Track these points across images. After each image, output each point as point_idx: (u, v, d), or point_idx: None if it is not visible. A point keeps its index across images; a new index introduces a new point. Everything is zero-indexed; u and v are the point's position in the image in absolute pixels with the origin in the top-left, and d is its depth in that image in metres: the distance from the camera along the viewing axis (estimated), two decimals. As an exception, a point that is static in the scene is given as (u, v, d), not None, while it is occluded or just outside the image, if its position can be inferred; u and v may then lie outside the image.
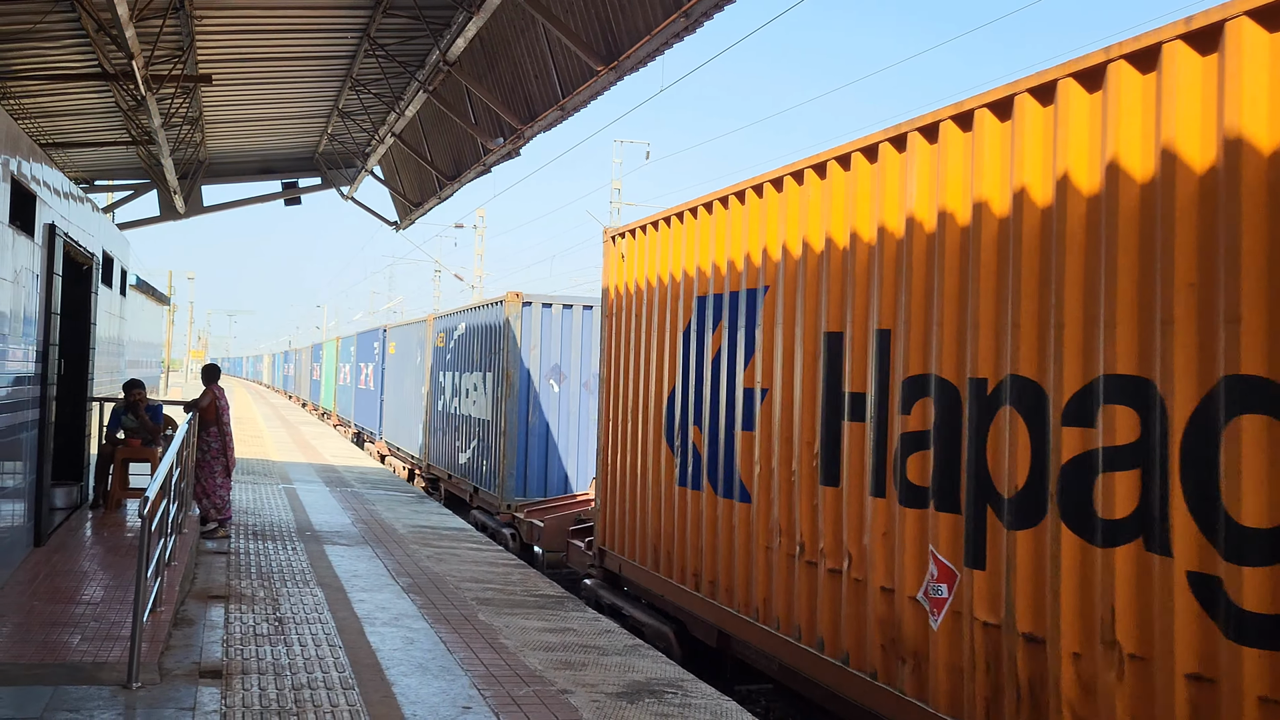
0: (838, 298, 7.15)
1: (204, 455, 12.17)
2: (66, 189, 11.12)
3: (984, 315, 5.79)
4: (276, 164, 22.52)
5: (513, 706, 6.71)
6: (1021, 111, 5.62)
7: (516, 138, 14.92)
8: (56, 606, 7.89)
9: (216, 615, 8.60)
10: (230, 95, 16.44)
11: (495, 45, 14.24)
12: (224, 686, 6.67)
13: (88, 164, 20.19)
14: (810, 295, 7.47)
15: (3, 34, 11.94)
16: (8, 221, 8.23)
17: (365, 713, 6.39)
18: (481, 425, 17.55)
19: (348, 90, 16.68)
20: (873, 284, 6.78)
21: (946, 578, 5.96)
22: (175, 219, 21.68)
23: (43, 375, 9.86)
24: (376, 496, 18.35)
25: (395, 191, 23.10)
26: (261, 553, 11.72)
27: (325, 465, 23.95)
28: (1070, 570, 5.14)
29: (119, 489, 12.68)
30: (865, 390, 6.81)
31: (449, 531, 14.77)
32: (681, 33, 10.26)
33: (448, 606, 9.61)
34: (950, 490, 5.99)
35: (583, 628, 9.32)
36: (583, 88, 12.49)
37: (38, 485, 9.85)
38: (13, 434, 8.73)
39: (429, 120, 18.49)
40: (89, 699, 6.17)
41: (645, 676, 7.82)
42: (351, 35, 14.28)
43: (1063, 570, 5.16)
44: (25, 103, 14.91)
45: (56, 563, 9.43)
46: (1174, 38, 4.76)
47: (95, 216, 13.32)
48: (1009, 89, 5.68)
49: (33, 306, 9.38)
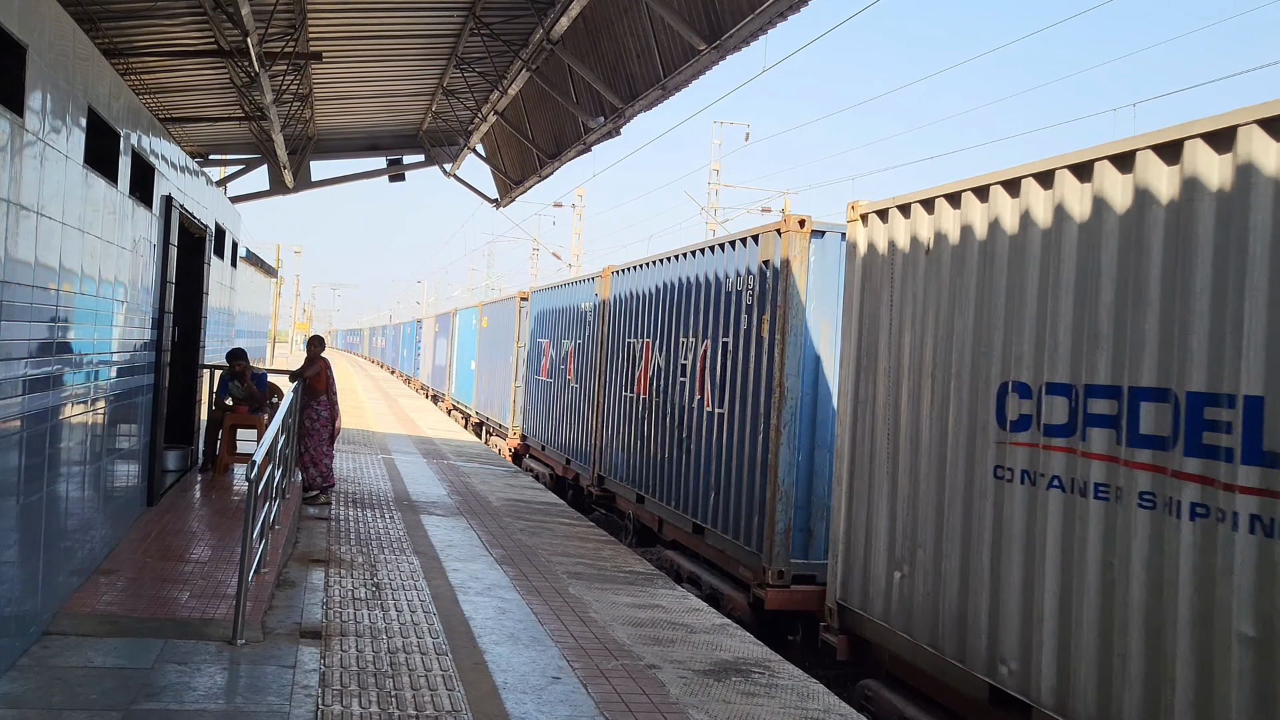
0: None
1: (312, 424, 12.50)
2: (183, 162, 11.49)
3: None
4: (382, 141, 22.92)
5: (600, 679, 6.79)
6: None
7: (617, 117, 14.96)
8: (167, 564, 8.21)
9: (317, 578, 8.86)
10: (339, 72, 16.78)
11: (598, 24, 14.28)
12: (323, 647, 6.88)
13: (203, 138, 20.81)
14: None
15: (126, 11, 12.35)
16: (129, 193, 8.54)
17: (458, 679, 6.52)
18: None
19: (452, 68, 16.89)
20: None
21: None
22: (284, 193, 22.24)
23: (158, 342, 10.23)
24: (472, 469, 18.66)
25: (496, 169, 23.35)
26: (360, 520, 12.02)
27: (423, 438, 24.42)
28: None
29: (227, 453, 13.11)
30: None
31: (541, 506, 14.95)
32: (786, 11, 10.16)
33: (539, 579, 9.75)
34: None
35: (672, 605, 9.36)
36: (684, 66, 12.46)
37: (151, 448, 10.24)
38: (129, 398, 9.09)
39: (531, 99, 18.64)
40: (196, 653, 6.42)
41: (733, 655, 7.83)
42: (458, 14, 14.45)
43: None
44: (145, 78, 15.41)
45: (167, 522, 9.80)
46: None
47: (209, 189, 13.74)
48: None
49: (150, 275, 9.73)
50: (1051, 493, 6.14)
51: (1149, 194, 5.66)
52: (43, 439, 6.34)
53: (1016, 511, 6.40)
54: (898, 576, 7.64)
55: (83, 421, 7.35)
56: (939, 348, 7.38)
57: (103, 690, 5.66)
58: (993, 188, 6.85)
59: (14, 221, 5.58)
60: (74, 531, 7.18)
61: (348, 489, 14.40)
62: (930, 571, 7.24)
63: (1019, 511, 6.38)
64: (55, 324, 6.53)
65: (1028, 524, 6.33)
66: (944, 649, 7.01)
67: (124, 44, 13.45)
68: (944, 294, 7.36)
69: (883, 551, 7.88)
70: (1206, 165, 5.35)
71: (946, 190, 7.36)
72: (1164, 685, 5.30)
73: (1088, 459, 5.90)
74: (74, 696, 5.54)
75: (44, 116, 6.05)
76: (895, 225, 8.07)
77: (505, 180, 23.17)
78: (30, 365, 6.03)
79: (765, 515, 9.84)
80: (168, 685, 5.84)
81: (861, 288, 8.53)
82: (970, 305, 7.04)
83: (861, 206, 8.60)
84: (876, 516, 8.02)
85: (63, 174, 6.47)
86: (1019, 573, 6.34)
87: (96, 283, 7.55)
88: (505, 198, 23.83)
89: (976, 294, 6.99)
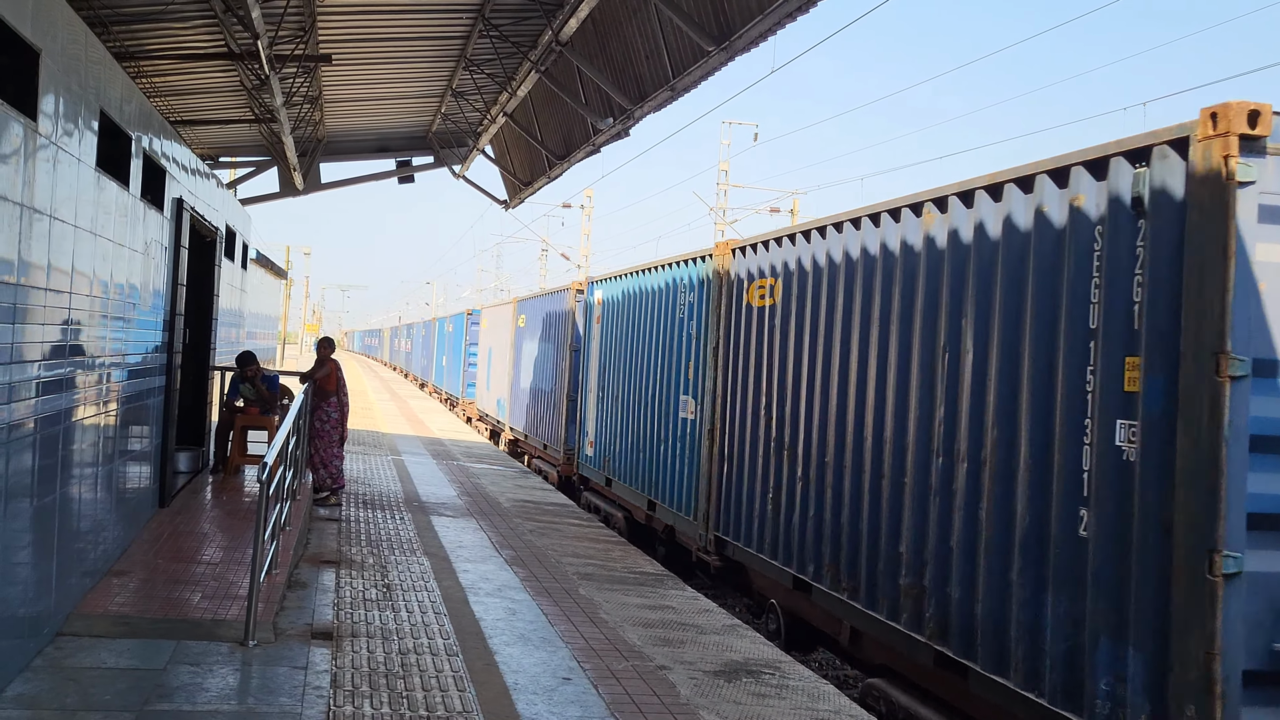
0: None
1: (322, 425, 12.54)
2: (193, 165, 11.53)
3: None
4: (391, 142, 22.97)
5: (611, 680, 6.80)
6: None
7: (626, 118, 14.97)
8: (179, 565, 8.24)
9: (328, 579, 8.88)
10: (349, 75, 16.83)
11: (607, 25, 14.29)
12: (334, 648, 6.90)
13: (213, 141, 20.88)
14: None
15: (137, 15, 12.40)
16: (140, 195, 8.58)
17: (469, 679, 6.54)
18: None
19: (461, 70, 16.92)
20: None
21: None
22: (294, 195, 22.30)
23: (169, 344, 10.27)
24: (481, 470, 18.68)
25: (505, 171, 23.39)
26: (371, 521, 12.05)
27: (432, 439, 24.46)
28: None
29: (238, 455, 13.15)
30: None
31: (551, 507, 14.96)
32: (795, 11, 10.16)
33: (549, 580, 9.76)
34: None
35: (682, 606, 9.37)
36: (693, 67, 12.46)
37: (163, 449, 10.28)
38: (141, 399, 9.12)
39: (540, 100, 18.66)
40: (208, 654, 6.45)
41: (743, 656, 7.84)
42: (466, 15, 14.49)
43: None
44: (156, 81, 15.47)
45: (179, 524, 9.84)
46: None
47: (219, 192, 13.79)
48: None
49: (161, 277, 9.77)
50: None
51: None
52: (56, 441, 6.37)
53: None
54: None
55: (95, 423, 7.38)
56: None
57: (116, 691, 5.69)
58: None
59: (27, 224, 5.61)
60: (87, 533, 7.21)
61: (358, 490, 14.44)
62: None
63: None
64: (68, 326, 6.57)
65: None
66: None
67: (135, 47, 13.51)
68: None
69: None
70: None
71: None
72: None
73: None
74: (88, 697, 5.56)
75: (57, 120, 6.08)
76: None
77: (514, 181, 23.20)
78: (43, 368, 6.07)
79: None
80: (180, 686, 5.86)
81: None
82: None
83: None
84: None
85: (75, 177, 6.50)
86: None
87: (108, 285, 7.58)
88: (514, 199, 23.87)
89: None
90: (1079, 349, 6.05)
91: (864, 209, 8.57)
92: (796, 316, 9.77)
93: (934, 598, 7.14)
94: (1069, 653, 5.95)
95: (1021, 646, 6.26)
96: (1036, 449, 6.33)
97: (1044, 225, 6.40)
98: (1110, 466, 5.77)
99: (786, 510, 9.64)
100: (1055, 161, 6.35)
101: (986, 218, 6.96)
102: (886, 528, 7.86)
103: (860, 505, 8.29)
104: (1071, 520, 5.99)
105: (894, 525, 7.78)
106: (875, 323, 8.29)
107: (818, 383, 9.25)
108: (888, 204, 8.15)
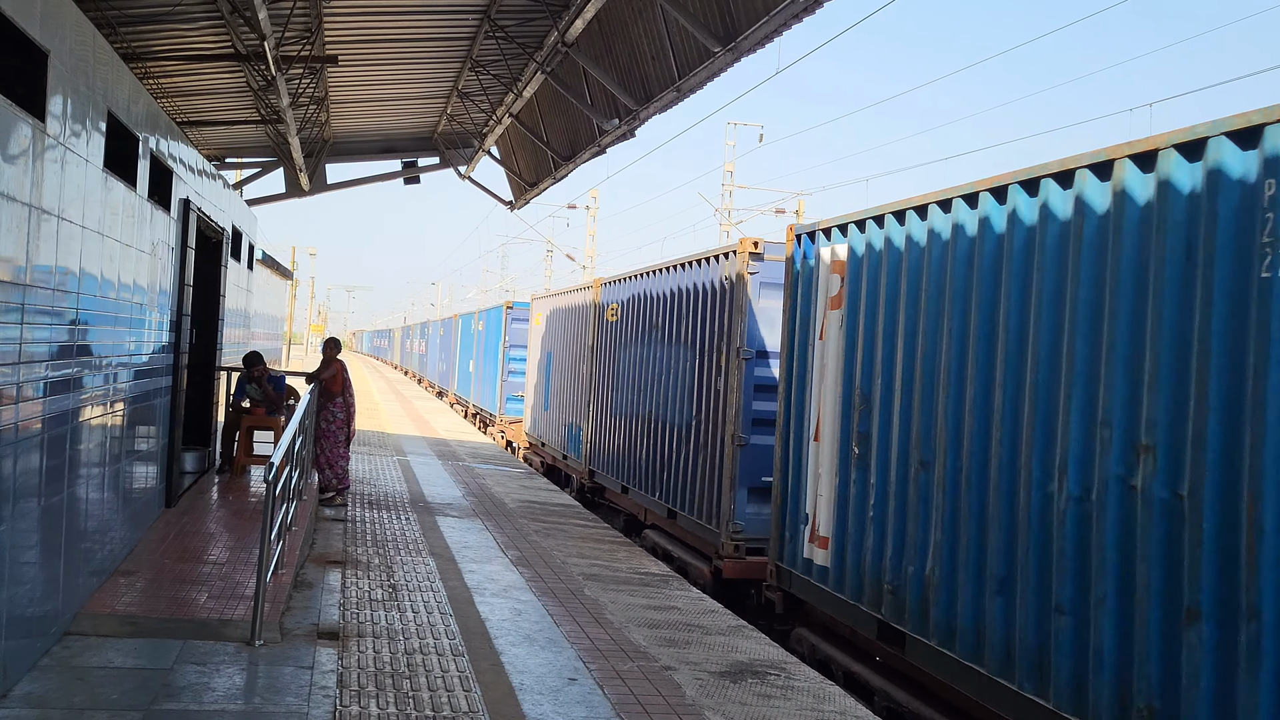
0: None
1: (328, 425, 12.55)
2: (200, 166, 11.56)
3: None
4: (397, 143, 22.99)
5: (617, 680, 6.80)
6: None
7: (632, 119, 14.97)
8: (185, 565, 8.26)
9: (334, 580, 8.90)
10: (355, 76, 16.85)
11: (613, 26, 14.30)
12: (340, 648, 6.91)
13: (219, 142, 20.91)
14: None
15: (144, 16, 12.43)
16: (147, 196, 8.60)
17: (474, 680, 6.55)
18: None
19: (467, 71, 16.93)
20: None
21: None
22: (300, 196, 22.33)
23: (175, 344, 10.29)
24: (487, 471, 18.70)
25: (511, 171, 23.40)
26: (376, 521, 12.07)
27: (437, 439, 24.49)
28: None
29: (244, 455, 13.17)
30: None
31: (556, 507, 14.97)
32: (801, 13, 10.16)
33: (555, 580, 9.77)
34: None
35: (687, 606, 9.38)
36: (699, 68, 12.46)
37: (169, 449, 10.30)
38: (148, 400, 9.15)
39: (546, 101, 18.67)
40: (215, 654, 6.46)
41: (749, 657, 7.84)
42: (472, 17, 14.50)
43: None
44: (163, 82, 15.50)
45: (185, 524, 9.86)
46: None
47: (226, 192, 13.81)
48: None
49: (168, 278, 9.79)
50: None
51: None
52: (63, 441, 6.39)
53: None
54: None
55: (102, 423, 7.40)
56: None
57: (123, 690, 5.70)
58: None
59: (35, 225, 5.63)
60: (94, 532, 7.23)
61: (363, 490, 14.46)
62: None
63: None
64: (75, 327, 6.58)
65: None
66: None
67: (142, 49, 13.54)
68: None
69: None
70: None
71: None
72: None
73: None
74: (95, 696, 5.58)
75: (65, 121, 6.10)
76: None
77: (520, 182, 23.22)
78: (50, 368, 6.08)
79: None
80: (187, 685, 5.88)
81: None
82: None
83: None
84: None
85: (83, 177, 6.52)
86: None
87: (115, 286, 7.60)
88: (520, 199, 23.88)
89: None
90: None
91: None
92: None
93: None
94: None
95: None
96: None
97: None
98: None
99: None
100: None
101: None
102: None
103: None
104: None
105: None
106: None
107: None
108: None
